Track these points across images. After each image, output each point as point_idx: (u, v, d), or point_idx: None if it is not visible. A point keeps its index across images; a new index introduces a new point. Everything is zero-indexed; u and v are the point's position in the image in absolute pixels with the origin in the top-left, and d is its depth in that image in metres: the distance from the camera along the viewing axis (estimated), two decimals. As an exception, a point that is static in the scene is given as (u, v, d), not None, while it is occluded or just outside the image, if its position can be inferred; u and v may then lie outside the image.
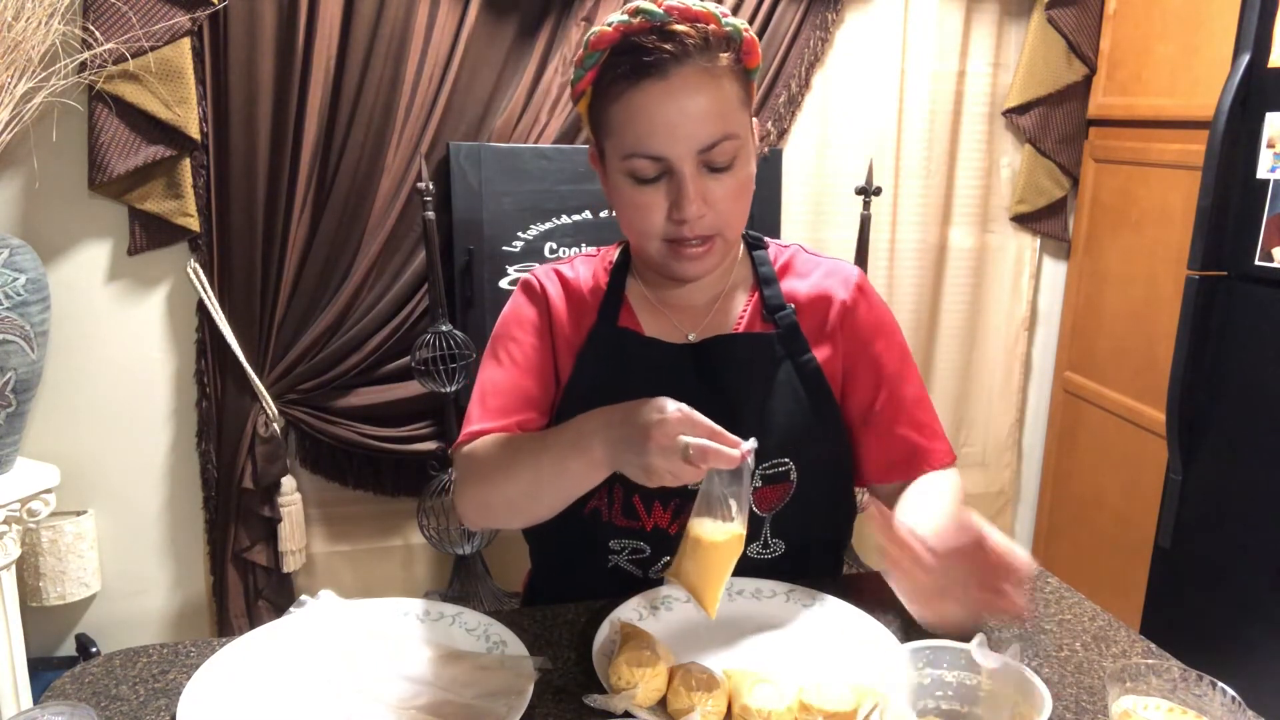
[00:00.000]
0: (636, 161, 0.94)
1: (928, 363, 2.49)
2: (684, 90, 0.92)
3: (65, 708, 0.72)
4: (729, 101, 0.94)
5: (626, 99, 0.93)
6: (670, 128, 0.92)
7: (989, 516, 2.62)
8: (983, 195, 2.44)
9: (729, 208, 0.97)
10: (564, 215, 2.05)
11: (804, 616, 0.97)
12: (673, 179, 0.94)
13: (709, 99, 0.92)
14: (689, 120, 0.92)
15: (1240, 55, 1.72)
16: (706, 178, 0.95)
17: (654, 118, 0.92)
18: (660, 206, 0.96)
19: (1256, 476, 1.76)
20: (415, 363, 1.89)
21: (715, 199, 0.95)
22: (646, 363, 1.05)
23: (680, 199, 0.94)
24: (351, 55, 1.88)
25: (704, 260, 0.99)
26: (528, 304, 1.10)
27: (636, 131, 0.93)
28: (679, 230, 0.96)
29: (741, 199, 0.98)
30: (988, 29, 2.33)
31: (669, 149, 0.92)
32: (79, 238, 1.90)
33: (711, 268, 1.02)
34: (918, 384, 1.10)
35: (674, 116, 0.92)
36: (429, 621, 0.95)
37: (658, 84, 0.91)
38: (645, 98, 0.92)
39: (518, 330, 1.09)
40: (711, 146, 0.93)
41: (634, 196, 0.96)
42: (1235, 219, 1.75)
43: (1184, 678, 0.75)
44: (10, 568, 1.72)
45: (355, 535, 2.20)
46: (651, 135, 0.92)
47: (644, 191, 0.96)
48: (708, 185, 0.95)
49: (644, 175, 0.95)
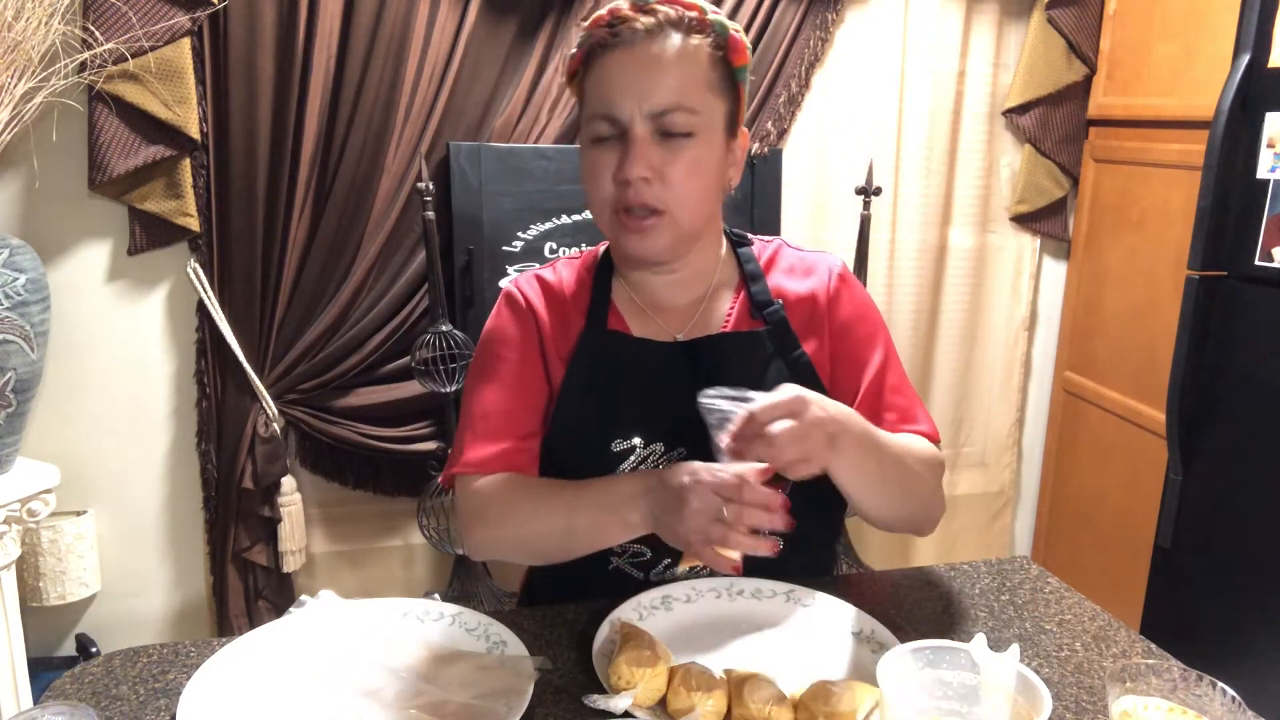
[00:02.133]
0: (595, 123, 0.98)
1: (928, 363, 2.49)
2: (647, 57, 0.95)
3: (65, 708, 0.72)
4: (694, 78, 0.96)
5: (600, 65, 0.98)
6: (626, 85, 0.95)
7: (989, 516, 2.65)
8: (983, 195, 2.44)
9: (679, 182, 0.96)
10: (564, 215, 2.05)
11: (804, 616, 0.97)
12: (624, 142, 0.96)
13: (674, 69, 0.95)
14: (645, 81, 0.95)
15: (1240, 55, 1.72)
16: (657, 145, 0.96)
17: (615, 78, 0.96)
18: (610, 167, 0.97)
19: (1256, 476, 1.76)
20: (415, 363, 1.89)
21: (664, 170, 0.96)
22: (638, 364, 1.05)
23: (625, 158, 0.95)
24: (351, 55, 1.88)
25: (650, 237, 0.98)
26: (511, 319, 1.09)
27: (600, 93, 0.97)
28: (625, 195, 0.96)
29: (694, 178, 0.97)
30: (988, 29, 2.33)
31: (621, 106, 0.95)
32: (79, 238, 1.90)
33: (660, 249, 1.00)
34: (898, 372, 1.10)
35: (631, 76, 0.95)
36: (429, 621, 0.95)
37: (626, 51, 0.96)
38: (612, 61, 0.96)
39: (503, 349, 1.08)
40: (664, 112, 0.95)
41: (589, 160, 0.99)
42: (1235, 219, 1.75)
43: (1184, 678, 0.75)
44: (10, 568, 1.72)
45: (355, 535, 2.20)
46: (609, 94, 0.96)
47: (598, 153, 0.98)
48: (657, 153, 0.96)
49: (600, 134, 0.97)
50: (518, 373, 1.07)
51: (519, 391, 1.06)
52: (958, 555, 2.62)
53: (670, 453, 1.03)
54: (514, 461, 1.04)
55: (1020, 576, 1.10)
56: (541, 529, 0.98)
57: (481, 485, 1.03)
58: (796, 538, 1.06)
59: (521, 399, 1.06)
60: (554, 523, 0.97)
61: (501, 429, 1.04)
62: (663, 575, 1.04)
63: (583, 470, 1.04)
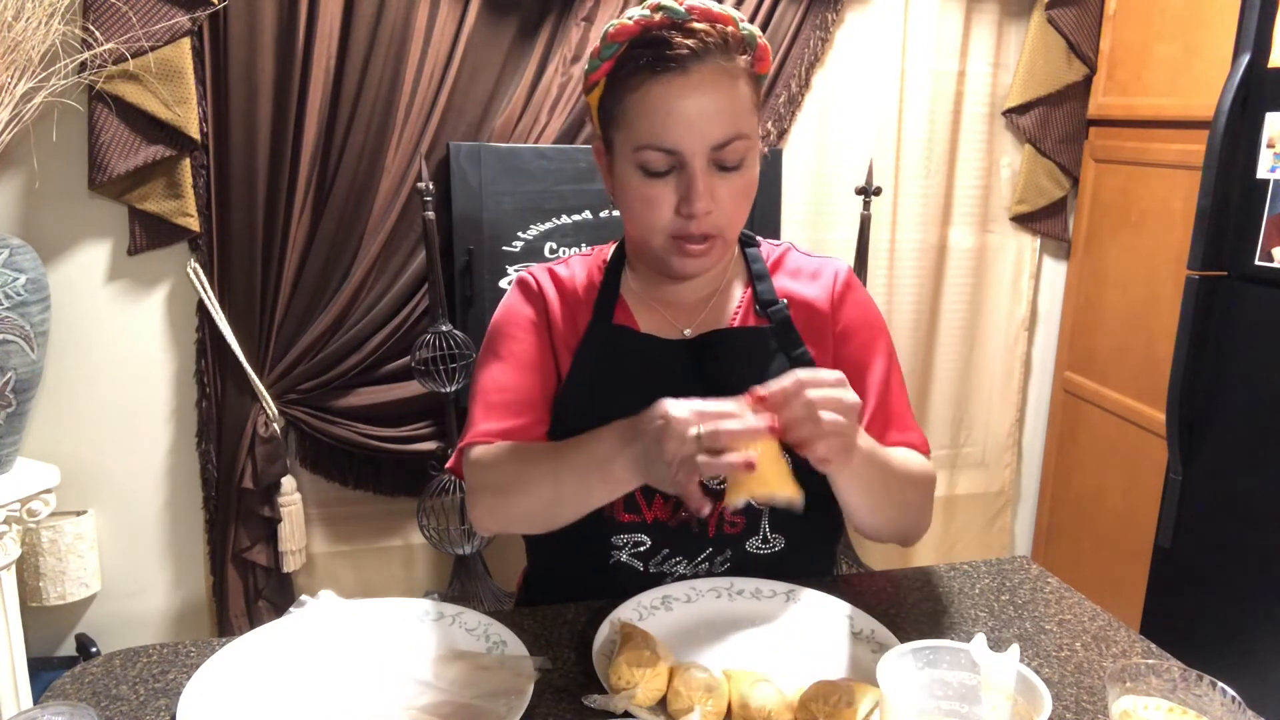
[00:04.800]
0: (649, 154, 0.95)
1: (928, 363, 2.49)
2: (702, 86, 0.93)
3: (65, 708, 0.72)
4: (743, 102, 0.96)
5: (644, 90, 0.94)
6: (686, 122, 0.93)
7: (989, 516, 2.64)
8: (983, 195, 2.44)
9: (733, 208, 0.98)
10: (564, 215, 2.05)
11: (804, 616, 0.97)
12: (683, 174, 0.95)
13: (725, 97, 0.94)
14: (704, 116, 0.93)
15: (1240, 55, 1.72)
16: (715, 175, 0.96)
17: (671, 110, 0.93)
18: (668, 201, 0.96)
19: (1256, 476, 1.76)
20: (415, 363, 1.89)
21: (721, 198, 0.96)
22: (643, 359, 1.06)
23: (690, 194, 0.95)
24: (351, 55, 1.88)
25: (704, 258, 1.00)
26: (524, 302, 1.10)
27: (652, 123, 0.94)
28: (685, 226, 0.96)
29: (746, 201, 1.00)
30: (988, 29, 2.33)
31: (683, 143, 0.93)
32: (79, 238, 1.90)
33: (710, 266, 1.03)
34: (898, 382, 1.11)
35: (691, 111, 0.93)
36: (429, 621, 0.95)
37: (677, 78, 0.92)
38: (664, 90, 0.93)
39: (516, 329, 1.09)
40: (724, 144, 0.94)
41: (643, 189, 0.97)
42: (1235, 219, 1.75)
43: (1184, 678, 0.75)
44: (10, 568, 1.72)
45: (355, 535, 2.20)
46: (667, 128, 0.93)
47: (653, 185, 0.96)
48: (716, 183, 0.96)
49: (655, 168, 0.95)
50: (530, 353, 1.07)
51: (531, 371, 1.06)
52: (958, 555, 2.62)
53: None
54: (522, 437, 1.04)
55: (1020, 576, 1.10)
56: (533, 496, 0.97)
57: (480, 455, 1.02)
58: (796, 538, 1.07)
59: (533, 378, 1.06)
60: (543, 489, 0.96)
61: (511, 405, 1.04)
62: (661, 566, 1.05)
63: None
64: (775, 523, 1.05)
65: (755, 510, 1.04)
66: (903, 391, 1.11)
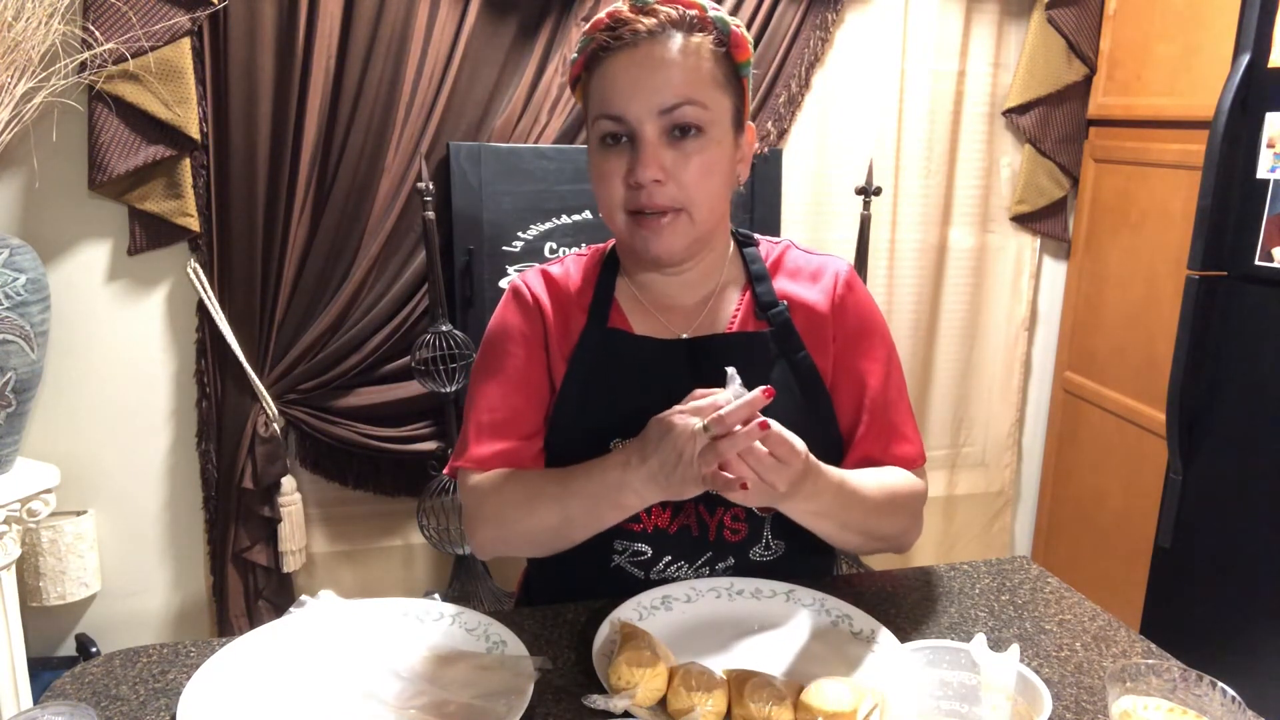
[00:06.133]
0: (602, 123, 0.97)
1: (928, 363, 2.49)
2: (651, 55, 0.95)
3: (65, 708, 0.72)
4: (700, 74, 0.96)
5: (602, 68, 0.97)
6: (632, 86, 0.95)
7: (989, 516, 2.64)
8: (983, 195, 2.44)
9: (694, 181, 0.96)
10: (564, 215, 2.05)
11: (804, 616, 0.97)
12: (634, 145, 0.96)
13: (677, 67, 0.95)
14: (652, 80, 0.94)
15: (1240, 55, 1.72)
16: (669, 146, 0.96)
17: (619, 78, 0.95)
18: (620, 172, 0.97)
19: (1256, 476, 1.76)
20: (415, 363, 1.89)
21: (677, 169, 0.96)
22: (639, 362, 1.05)
23: (636, 161, 0.95)
24: (351, 55, 1.88)
25: (666, 235, 0.97)
26: (517, 313, 1.09)
27: (604, 93, 0.97)
28: (638, 198, 0.96)
29: (708, 176, 0.97)
30: (988, 29, 2.33)
31: (629, 108, 0.95)
32: (79, 238, 1.90)
33: (677, 247, 0.99)
34: (898, 387, 1.11)
35: (637, 76, 0.95)
36: (429, 621, 0.95)
37: (629, 51, 0.95)
38: (615, 62, 0.96)
39: (509, 344, 1.08)
40: (673, 108, 0.94)
41: (598, 164, 0.99)
42: (1235, 219, 1.75)
43: (1184, 678, 0.75)
44: (10, 568, 1.72)
45: (355, 535, 2.20)
46: (615, 94, 0.96)
47: (608, 157, 0.98)
48: (669, 154, 0.96)
49: (608, 132, 0.97)
50: (523, 370, 1.07)
51: (523, 388, 1.06)
52: (958, 555, 2.62)
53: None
54: (515, 460, 1.05)
55: (1020, 576, 1.10)
56: (538, 523, 0.99)
57: (478, 483, 1.03)
58: (796, 538, 1.07)
59: (525, 396, 1.06)
60: (549, 517, 0.98)
61: (505, 426, 1.05)
62: (663, 574, 1.04)
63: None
64: (777, 529, 1.05)
65: (758, 517, 1.04)
66: (903, 398, 1.10)
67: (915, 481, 1.08)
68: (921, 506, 1.09)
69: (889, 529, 1.04)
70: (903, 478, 1.07)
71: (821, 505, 0.93)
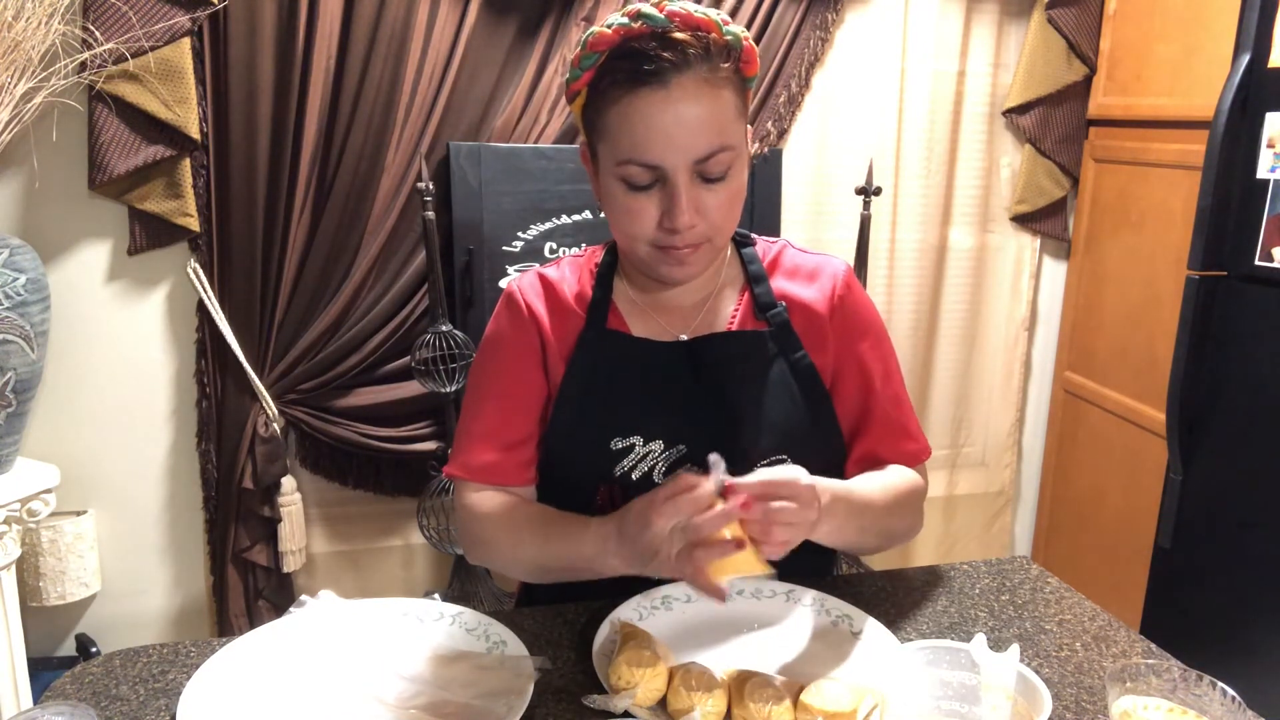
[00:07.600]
0: (630, 168, 0.93)
1: (928, 363, 2.49)
2: (683, 100, 0.91)
3: (65, 708, 0.72)
4: (727, 112, 0.94)
5: (624, 104, 0.92)
6: (667, 137, 0.91)
7: (989, 516, 2.64)
8: (983, 195, 2.44)
9: (720, 217, 0.96)
10: (564, 215, 2.05)
11: (804, 616, 0.97)
12: (666, 187, 0.94)
13: (707, 109, 0.91)
14: (686, 130, 0.91)
15: (1240, 55, 1.72)
16: (700, 188, 0.94)
17: (651, 126, 0.91)
18: (652, 214, 0.95)
19: (1256, 476, 1.76)
20: (415, 363, 1.89)
21: (707, 209, 0.95)
22: (637, 363, 1.05)
23: (673, 209, 0.93)
24: (351, 55, 1.88)
25: (691, 264, 0.99)
26: (510, 324, 1.09)
27: (633, 138, 0.92)
28: (670, 238, 0.96)
29: (733, 208, 0.98)
30: (988, 29, 2.33)
31: (664, 158, 0.92)
32: (79, 238, 1.90)
33: (698, 272, 1.01)
34: (898, 384, 1.11)
35: (671, 126, 0.91)
36: (429, 621, 0.95)
37: (657, 92, 0.90)
38: (643, 105, 0.91)
39: (501, 354, 1.08)
40: (708, 158, 0.92)
41: (626, 202, 0.96)
42: (1235, 219, 1.76)
43: (1184, 678, 0.75)
44: (10, 568, 1.72)
45: (355, 535, 2.20)
46: (648, 144, 0.91)
47: (636, 198, 0.95)
48: (701, 195, 0.94)
49: (638, 182, 0.94)
50: (516, 380, 1.07)
51: (516, 399, 1.07)
52: (958, 555, 2.62)
53: (669, 451, 1.03)
54: (510, 470, 1.06)
55: (1020, 576, 1.10)
56: (523, 557, 1.02)
57: (473, 503, 1.05)
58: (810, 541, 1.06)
59: (519, 406, 1.07)
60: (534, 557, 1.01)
61: (498, 437, 1.06)
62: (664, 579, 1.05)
63: (582, 468, 1.04)
64: None
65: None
66: (902, 394, 1.11)
67: (915, 478, 1.08)
68: (923, 501, 1.10)
69: (898, 528, 1.05)
70: (904, 476, 1.07)
71: (834, 525, 0.92)
